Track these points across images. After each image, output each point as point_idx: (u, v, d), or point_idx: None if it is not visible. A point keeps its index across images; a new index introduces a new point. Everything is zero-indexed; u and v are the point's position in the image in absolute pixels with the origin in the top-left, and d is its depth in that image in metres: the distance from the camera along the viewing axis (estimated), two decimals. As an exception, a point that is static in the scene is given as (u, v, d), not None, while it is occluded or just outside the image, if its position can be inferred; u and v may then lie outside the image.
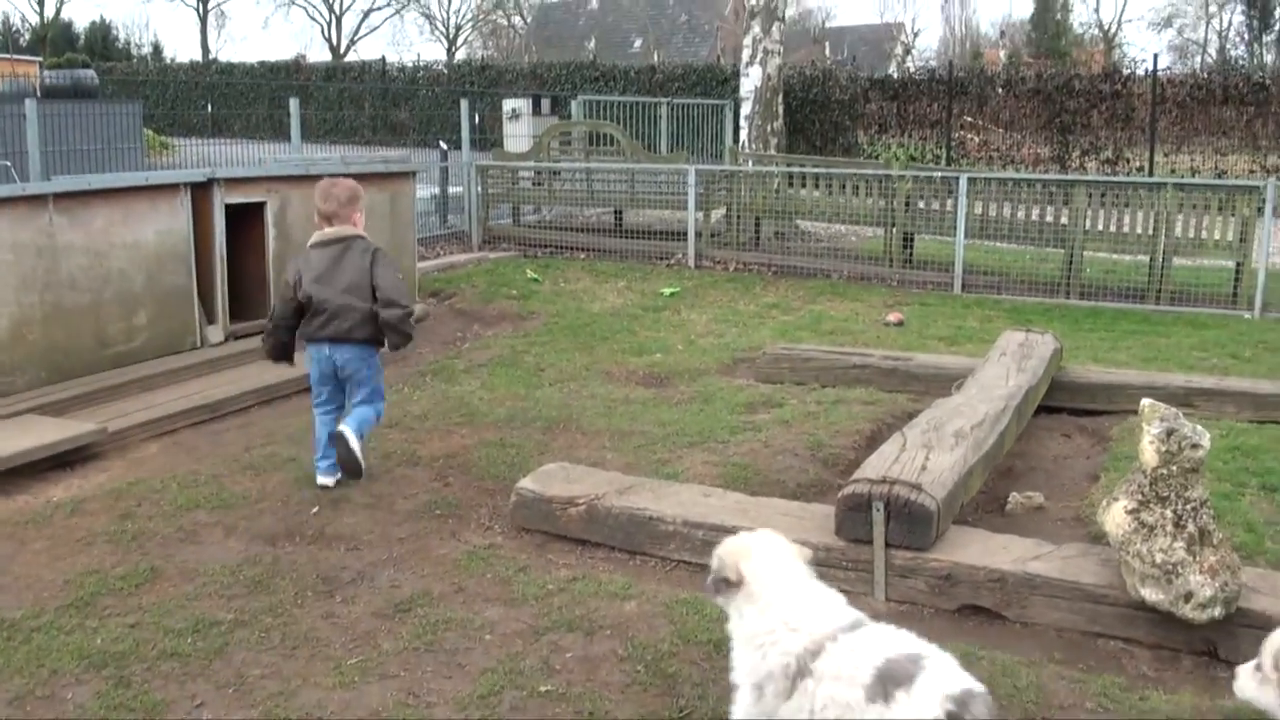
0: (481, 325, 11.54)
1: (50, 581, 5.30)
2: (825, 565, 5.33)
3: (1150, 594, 4.64)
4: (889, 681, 3.18)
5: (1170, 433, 4.78)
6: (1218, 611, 4.56)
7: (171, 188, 9.17)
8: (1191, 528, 4.68)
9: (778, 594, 3.52)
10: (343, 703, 4.25)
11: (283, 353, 6.73)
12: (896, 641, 3.35)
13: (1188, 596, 4.57)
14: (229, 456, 7.15)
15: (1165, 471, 4.77)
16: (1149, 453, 4.80)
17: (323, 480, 6.55)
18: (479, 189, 16.31)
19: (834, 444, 7.39)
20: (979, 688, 3.18)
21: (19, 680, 4.38)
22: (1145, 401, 5.00)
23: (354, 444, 6.36)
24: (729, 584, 3.58)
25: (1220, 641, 4.70)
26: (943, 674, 3.19)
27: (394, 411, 8.07)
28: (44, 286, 8.18)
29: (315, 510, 6.18)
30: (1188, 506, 4.72)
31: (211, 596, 5.13)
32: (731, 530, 5.52)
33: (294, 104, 15.13)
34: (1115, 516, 4.84)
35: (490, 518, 6.18)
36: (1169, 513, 4.71)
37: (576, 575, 5.40)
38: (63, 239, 8.30)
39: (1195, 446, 4.78)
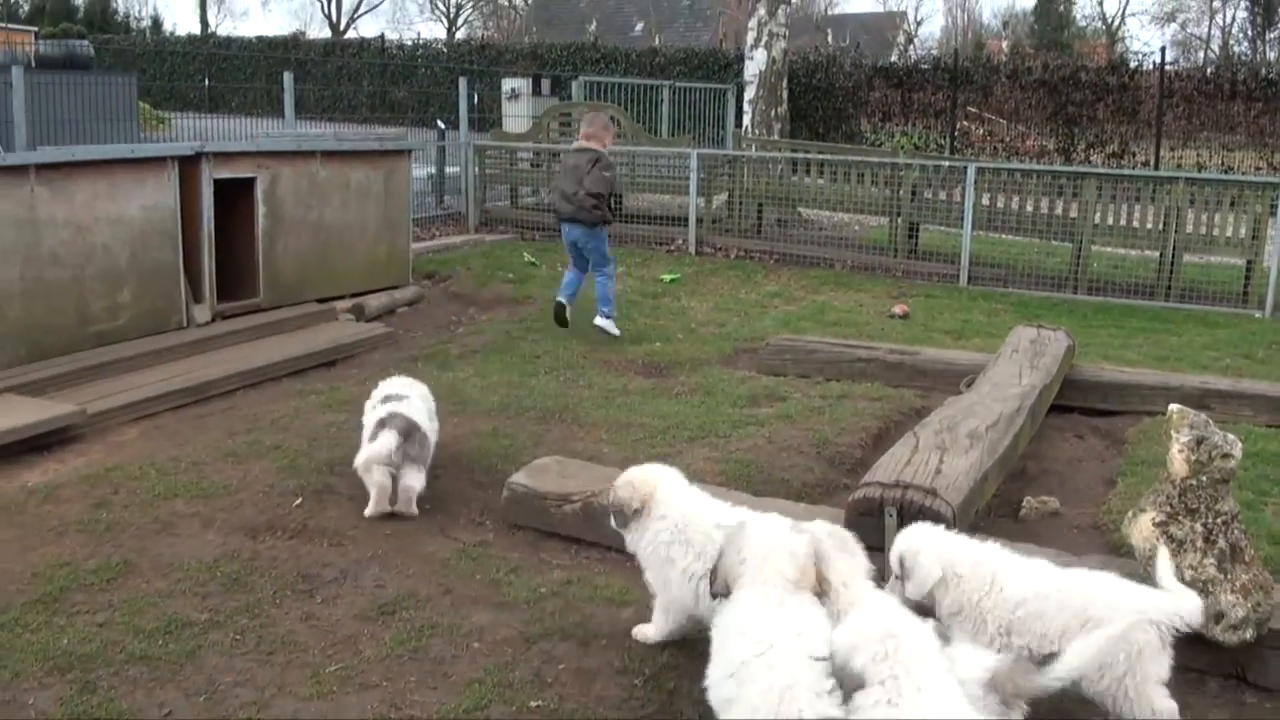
0: (477, 309, 11.27)
1: (19, 574, 5.04)
2: (832, 572, 5.08)
3: (1179, 613, 4.39)
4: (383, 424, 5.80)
5: (1200, 441, 4.52)
6: (1249, 634, 4.31)
7: (158, 161, 8.88)
8: (1222, 543, 4.43)
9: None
10: (319, 714, 3.99)
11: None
12: (397, 387, 6.19)
13: (1218, 617, 4.32)
14: (211, 442, 6.88)
15: (1194, 482, 4.51)
16: (1178, 462, 4.54)
17: (561, 299, 9.88)
18: (476, 170, 16.01)
19: (840, 441, 7.13)
20: (410, 423, 5.82)
21: (-23, 683, 4.13)
22: (1174, 407, 4.74)
23: (604, 325, 9.80)
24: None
25: (1249, 664, 4.46)
26: (403, 410, 5.88)
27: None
28: (24, 261, 7.91)
29: (298, 502, 5.92)
30: (1218, 520, 4.47)
31: (185, 594, 4.87)
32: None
33: (288, 78, 14.81)
34: (1142, 529, 4.57)
35: (481, 513, 5.93)
36: (1199, 526, 4.46)
37: (571, 578, 5.15)
38: (44, 212, 8.03)
39: (1226, 456, 4.52)
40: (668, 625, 4.46)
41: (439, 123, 18.10)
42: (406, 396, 6.06)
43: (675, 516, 4.38)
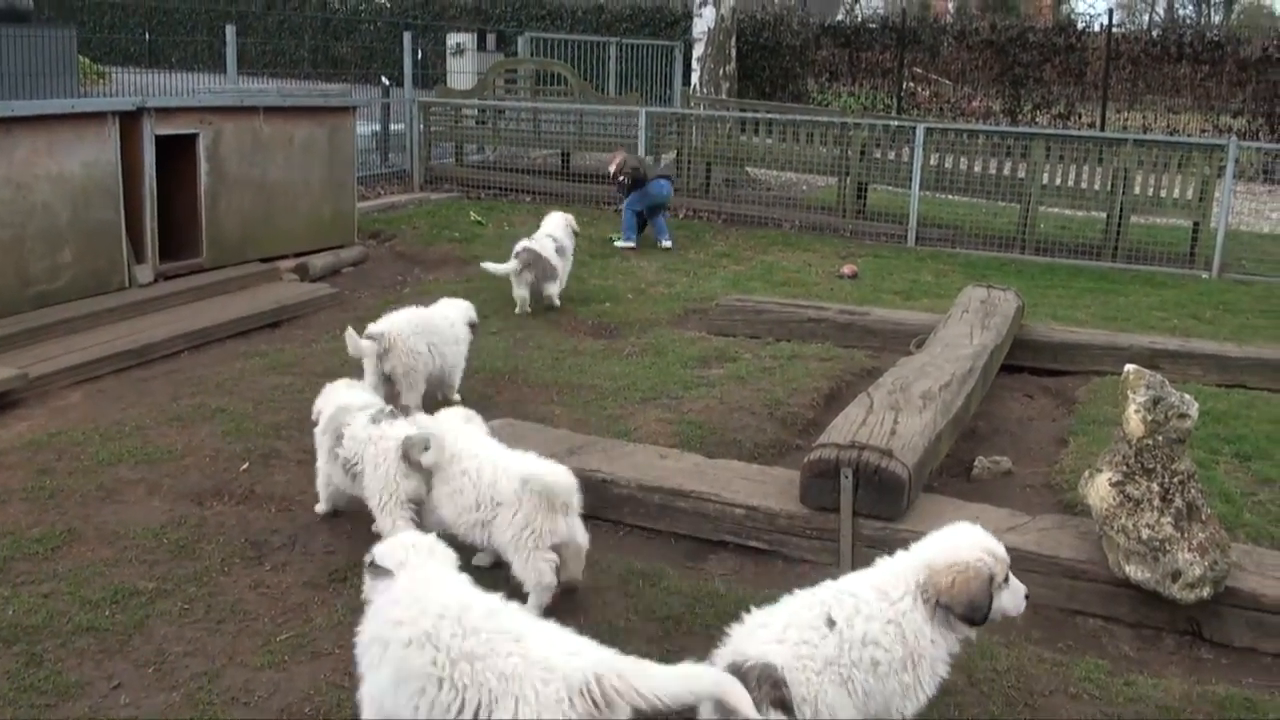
0: (423, 269, 11.13)
1: (-42, 543, 4.91)
2: (788, 534, 5.07)
3: (1135, 571, 4.41)
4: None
5: (1157, 401, 4.54)
6: (1206, 592, 4.34)
7: (99, 117, 8.67)
8: (1179, 502, 4.45)
9: None
10: (271, 684, 3.92)
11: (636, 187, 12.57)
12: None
13: (1175, 575, 4.34)
14: (155, 406, 6.75)
15: (1151, 442, 4.53)
16: (1134, 422, 4.56)
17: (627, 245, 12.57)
18: (421, 127, 15.79)
19: (792, 402, 7.11)
20: (534, 254, 9.14)
21: (-83, 655, 4.01)
22: (1130, 367, 4.76)
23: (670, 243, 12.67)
24: None
25: (1205, 621, 4.50)
26: (530, 245, 9.30)
27: (330, 360, 7.71)
28: (-40, 220, 7.71)
29: (245, 466, 5.82)
30: (1175, 479, 4.49)
31: (132, 563, 4.77)
32: (688, 495, 5.25)
33: (230, 31, 14.51)
34: (1099, 489, 4.59)
35: (433, 476, 5.83)
36: (1155, 486, 4.48)
37: (525, 541, 5.08)
38: (-17, 169, 7.82)
39: (1183, 416, 4.54)
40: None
41: (383, 79, 17.81)
42: (538, 238, 9.45)
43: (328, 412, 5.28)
